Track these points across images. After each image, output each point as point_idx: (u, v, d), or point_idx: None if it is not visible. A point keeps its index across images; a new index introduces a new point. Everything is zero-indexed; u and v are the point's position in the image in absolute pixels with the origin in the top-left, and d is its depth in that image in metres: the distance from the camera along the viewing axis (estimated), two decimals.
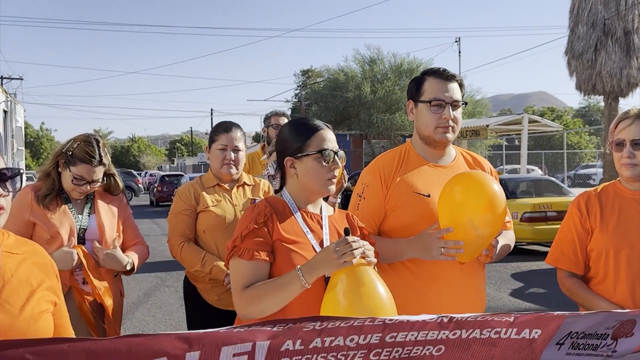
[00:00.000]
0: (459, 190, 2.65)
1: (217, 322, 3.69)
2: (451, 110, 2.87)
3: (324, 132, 2.46)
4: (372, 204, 2.90)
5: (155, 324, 8.07)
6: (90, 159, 3.37)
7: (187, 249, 3.67)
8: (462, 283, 2.87)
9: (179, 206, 3.76)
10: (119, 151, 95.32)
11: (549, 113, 72.70)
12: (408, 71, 35.77)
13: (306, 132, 2.46)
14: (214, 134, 3.84)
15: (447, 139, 2.92)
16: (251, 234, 2.33)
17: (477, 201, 2.61)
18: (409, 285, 2.85)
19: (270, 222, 2.36)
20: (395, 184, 2.88)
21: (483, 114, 34.95)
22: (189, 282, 3.85)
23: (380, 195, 2.89)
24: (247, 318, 2.30)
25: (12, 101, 16.28)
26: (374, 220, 2.91)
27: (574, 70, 19.77)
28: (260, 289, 2.26)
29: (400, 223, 2.87)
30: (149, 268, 12.39)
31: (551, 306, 8.81)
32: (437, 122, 2.87)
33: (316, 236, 2.41)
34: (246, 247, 2.31)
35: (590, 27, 19.07)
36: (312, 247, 2.37)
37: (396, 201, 2.87)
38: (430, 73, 2.95)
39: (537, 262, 12.30)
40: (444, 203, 2.69)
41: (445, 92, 2.88)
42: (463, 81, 2.99)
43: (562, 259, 2.92)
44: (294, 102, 51.32)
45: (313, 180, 2.43)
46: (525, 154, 22.15)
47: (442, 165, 2.97)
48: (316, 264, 2.20)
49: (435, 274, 2.83)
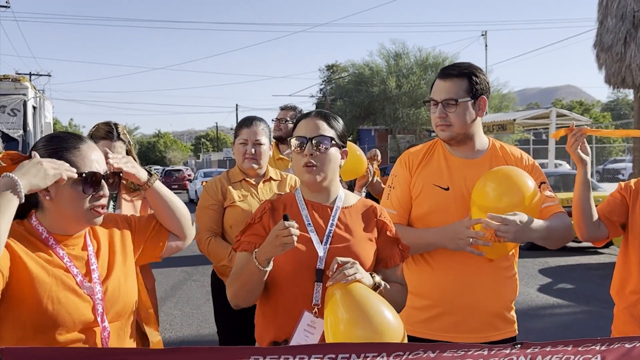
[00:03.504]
0: (491, 187, 2.68)
1: (244, 316, 3.73)
2: (443, 109, 2.84)
3: (304, 120, 2.48)
4: (399, 192, 2.95)
5: (182, 318, 8.15)
6: (108, 134, 3.61)
7: (214, 243, 3.69)
8: (476, 278, 2.85)
9: (206, 201, 3.78)
10: (145, 147, 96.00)
11: (577, 107, 71.83)
12: (434, 65, 35.56)
13: (296, 123, 2.54)
14: (237, 129, 3.89)
15: (443, 137, 2.92)
16: (248, 229, 2.44)
17: (510, 200, 2.63)
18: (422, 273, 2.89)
19: (266, 217, 2.42)
20: (418, 174, 2.94)
21: (510, 108, 34.66)
22: (217, 276, 3.88)
23: (408, 183, 2.94)
24: (235, 307, 2.46)
25: (40, 97, 16.49)
26: (403, 208, 2.94)
27: (602, 63, 19.45)
28: (233, 274, 2.43)
29: (417, 213, 2.91)
30: (176, 262, 12.49)
31: (579, 302, 8.74)
32: (434, 121, 2.91)
33: (319, 228, 2.41)
34: (242, 241, 2.43)
35: (620, 19, 18.76)
36: (310, 239, 2.37)
37: (417, 191, 2.91)
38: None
39: (566, 257, 12.18)
40: (477, 198, 2.72)
41: (437, 90, 2.88)
42: (476, 72, 2.88)
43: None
44: (318, 97, 51.33)
45: (294, 169, 2.49)
46: (553, 148, 21.91)
47: (468, 159, 2.94)
48: (264, 246, 2.26)
49: (449, 266, 2.84)
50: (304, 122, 2.46)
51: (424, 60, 36.28)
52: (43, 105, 16.65)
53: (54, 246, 2.04)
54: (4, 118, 13.58)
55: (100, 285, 2.07)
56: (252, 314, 3.67)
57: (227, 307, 3.85)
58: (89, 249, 2.12)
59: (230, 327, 3.81)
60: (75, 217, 2.05)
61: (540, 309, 8.47)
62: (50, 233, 2.06)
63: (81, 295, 2.01)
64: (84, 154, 2.07)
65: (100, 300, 2.04)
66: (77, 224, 2.09)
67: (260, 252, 2.26)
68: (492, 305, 2.88)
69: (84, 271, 2.06)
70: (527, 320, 7.71)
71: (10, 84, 13.95)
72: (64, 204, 2.03)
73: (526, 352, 1.88)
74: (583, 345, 1.92)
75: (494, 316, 2.89)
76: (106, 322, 2.04)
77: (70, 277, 2.01)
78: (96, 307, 2.02)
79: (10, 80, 14.11)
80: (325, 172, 2.42)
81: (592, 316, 7.90)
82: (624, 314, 2.89)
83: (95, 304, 2.02)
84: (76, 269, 2.04)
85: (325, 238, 2.38)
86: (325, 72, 55.17)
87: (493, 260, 2.85)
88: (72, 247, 2.09)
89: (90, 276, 2.06)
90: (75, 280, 2.02)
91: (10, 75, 14.66)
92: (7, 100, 13.74)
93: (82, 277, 2.04)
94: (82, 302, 2.00)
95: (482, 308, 2.84)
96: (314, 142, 2.39)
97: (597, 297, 8.76)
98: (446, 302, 2.84)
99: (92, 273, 2.07)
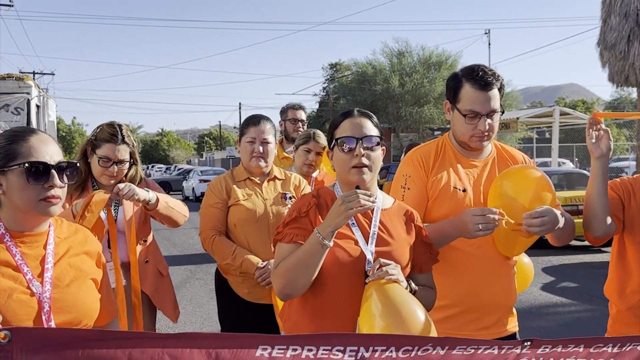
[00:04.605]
0: (510, 185, 2.72)
1: (247, 315, 3.75)
2: (487, 120, 2.81)
3: (349, 119, 2.46)
4: (416, 193, 2.88)
5: (186, 316, 8.15)
6: (112, 137, 3.57)
7: (218, 241, 3.70)
8: (491, 276, 2.86)
9: (210, 199, 3.79)
10: (148, 145, 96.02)
11: (580, 105, 71.69)
12: (437, 64, 35.53)
13: (335, 121, 2.50)
14: (244, 127, 3.86)
15: (483, 146, 2.92)
16: (293, 221, 2.38)
17: (532, 195, 2.67)
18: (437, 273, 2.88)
19: (312, 212, 2.39)
20: (434, 176, 2.89)
21: (513, 106, 34.57)
22: (220, 275, 3.89)
23: (425, 182, 2.89)
24: (285, 297, 2.34)
25: (44, 96, 16.50)
26: (420, 209, 2.87)
27: (606, 61, 19.39)
28: (287, 260, 2.30)
29: (436, 215, 2.86)
30: (180, 261, 12.52)
31: (583, 300, 8.73)
32: (472, 132, 2.84)
33: (363, 229, 2.40)
34: (287, 232, 2.36)
35: (623, 17, 18.71)
36: (356, 240, 2.36)
37: (434, 193, 2.87)
38: (468, 77, 2.82)
39: (569, 256, 12.16)
40: (497, 197, 2.74)
41: (482, 102, 2.79)
42: (503, 82, 2.86)
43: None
44: (322, 96, 51.27)
45: (340, 169, 2.45)
46: (557, 146, 21.89)
47: (476, 161, 2.95)
48: (328, 218, 2.23)
49: (464, 265, 2.85)
50: (349, 122, 2.44)
51: (427, 58, 36.21)
52: (46, 104, 16.66)
53: (7, 243, 2.04)
54: (7, 117, 13.59)
55: (51, 284, 2.05)
56: (255, 312, 3.70)
57: (230, 306, 3.89)
58: (49, 248, 2.11)
59: (234, 325, 3.82)
60: (26, 208, 2.04)
61: (544, 308, 8.46)
62: (8, 230, 2.06)
63: (28, 294, 1.99)
64: (32, 144, 2.05)
65: (48, 299, 2.02)
66: (32, 217, 2.08)
67: (323, 225, 2.23)
68: (505, 301, 2.92)
69: (38, 270, 2.05)
70: (530, 319, 7.71)
71: (14, 82, 13.97)
72: (14, 196, 2.03)
73: (537, 352, 1.86)
74: (594, 347, 1.91)
75: (505, 312, 2.93)
76: (52, 323, 2.01)
77: (19, 276, 2.01)
78: (42, 306, 2.00)
79: (14, 79, 14.12)
80: (374, 172, 2.43)
81: (595, 314, 7.89)
82: (628, 315, 2.83)
83: (42, 303, 2.01)
84: (27, 268, 2.03)
85: (370, 239, 2.38)
86: (329, 71, 55.09)
87: (510, 259, 2.91)
88: (30, 244, 2.09)
89: (43, 276, 2.05)
90: (25, 278, 2.01)
91: (14, 74, 14.67)
92: (11, 99, 13.76)
93: (31, 276, 2.02)
94: (28, 301, 1.99)
95: (496, 305, 2.88)
96: (364, 142, 2.39)
97: (601, 296, 8.67)
98: (464, 302, 2.84)
99: (45, 272, 2.06)
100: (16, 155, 2.03)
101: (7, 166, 2.02)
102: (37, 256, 2.08)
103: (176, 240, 15.22)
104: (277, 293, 2.34)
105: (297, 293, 2.30)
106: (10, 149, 2.04)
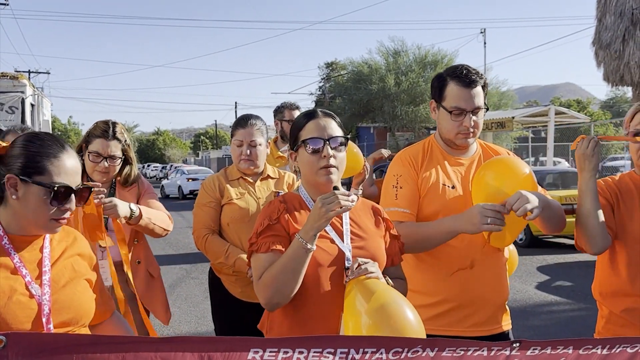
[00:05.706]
0: (492, 175, 2.76)
1: (241, 314, 3.74)
2: (472, 117, 2.86)
3: (314, 120, 2.42)
4: (408, 191, 2.91)
5: (181, 316, 8.15)
6: (104, 133, 3.57)
7: (212, 240, 3.69)
8: (481, 271, 2.88)
9: (203, 198, 3.79)
10: (144, 144, 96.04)
11: (575, 105, 71.87)
12: (432, 63, 35.58)
13: (299, 123, 2.46)
14: (233, 129, 3.87)
15: (468, 143, 2.96)
16: (266, 229, 2.34)
17: (515, 181, 2.69)
18: (427, 271, 2.91)
19: (284, 217, 2.36)
20: (423, 174, 2.93)
21: (509, 105, 34.66)
22: (214, 274, 3.89)
23: (416, 180, 2.92)
24: (272, 307, 2.30)
25: (39, 95, 16.48)
26: (413, 206, 2.90)
27: (601, 61, 19.48)
28: (271, 269, 2.26)
29: (427, 212, 2.89)
30: (174, 260, 12.51)
31: (577, 299, 8.76)
32: (457, 129, 2.89)
33: (336, 227, 2.39)
34: (262, 242, 2.32)
35: (618, 17, 18.78)
36: (332, 239, 2.35)
37: (424, 190, 2.90)
38: (453, 75, 2.88)
39: (564, 255, 12.19)
40: (480, 188, 2.78)
41: (467, 99, 2.85)
42: (486, 80, 2.94)
43: None
44: (317, 95, 51.32)
45: (306, 171, 2.42)
46: (552, 146, 21.93)
47: (462, 159, 2.99)
48: (308, 221, 2.21)
49: (454, 261, 2.86)
50: (314, 123, 2.41)
51: (422, 58, 36.26)
52: (41, 103, 16.64)
53: (6, 246, 2.03)
54: (2, 116, 13.57)
55: (49, 287, 2.04)
56: (249, 311, 3.69)
57: (223, 305, 3.88)
58: (45, 251, 2.10)
59: (227, 324, 3.81)
60: (36, 223, 2.04)
61: (538, 307, 8.48)
62: (7, 232, 2.05)
63: (27, 296, 1.99)
64: (62, 163, 2.04)
65: (48, 301, 2.02)
66: (36, 229, 2.07)
67: (305, 230, 2.21)
68: (497, 298, 2.94)
69: (36, 273, 2.05)
70: (525, 318, 7.73)
71: (8, 81, 13.94)
72: (28, 208, 2.02)
73: (526, 354, 1.87)
74: (584, 348, 1.91)
75: (498, 309, 2.95)
76: (51, 325, 2.00)
77: (18, 279, 2.00)
78: (42, 308, 2.00)
79: (8, 77, 14.09)
80: (341, 172, 2.42)
81: (589, 313, 7.90)
82: (623, 317, 2.83)
83: (41, 305, 2.00)
84: (25, 270, 2.03)
85: (345, 237, 2.37)
86: (325, 70, 55.12)
87: (500, 250, 2.93)
88: (27, 247, 2.08)
89: (41, 278, 2.05)
90: (24, 281, 2.01)
91: (9, 73, 14.65)
92: (5, 97, 13.74)
93: (30, 279, 2.02)
94: (28, 303, 1.99)
95: (488, 301, 2.90)
96: (331, 143, 2.37)
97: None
98: (456, 297, 2.86)
99: (43, 275, 2.05)
100: (43, 172, 2.01)
101: (33, 180, 2.00)
102: (34, 259, 2.08)
103: (171, 239, 15.20)
104: (265, 303, 2.30)
105: (285, 300, 2.26)
106: (40, 163, 2.01)
